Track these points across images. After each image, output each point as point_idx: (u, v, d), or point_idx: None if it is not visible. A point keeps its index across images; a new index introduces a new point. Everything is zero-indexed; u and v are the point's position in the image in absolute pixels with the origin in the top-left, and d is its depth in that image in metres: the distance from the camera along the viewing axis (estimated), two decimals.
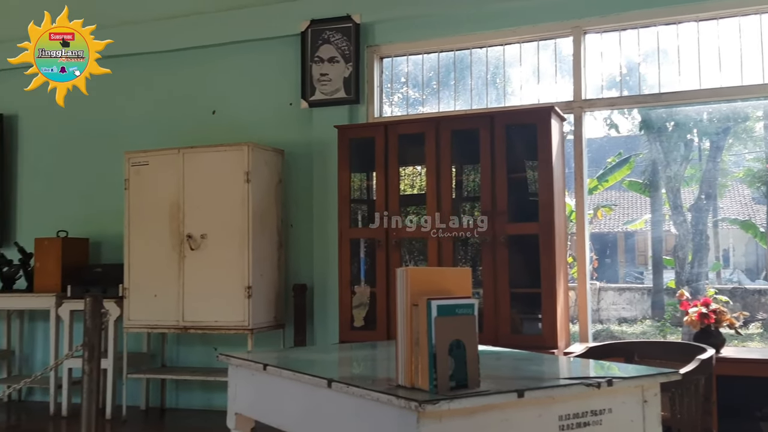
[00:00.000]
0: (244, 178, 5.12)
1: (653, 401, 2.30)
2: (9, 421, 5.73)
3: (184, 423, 5.39)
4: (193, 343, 5.74)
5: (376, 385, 2.17)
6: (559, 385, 2.19)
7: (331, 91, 5.45)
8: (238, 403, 2.98)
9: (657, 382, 2.31)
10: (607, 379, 2.17)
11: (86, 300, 3.84)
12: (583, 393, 2.14)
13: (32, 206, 6.46)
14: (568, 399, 2.14)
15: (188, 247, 5.22)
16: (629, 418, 2.25)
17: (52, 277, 5.74)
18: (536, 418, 2.09)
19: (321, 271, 5.38)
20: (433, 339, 2.02)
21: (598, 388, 2.15)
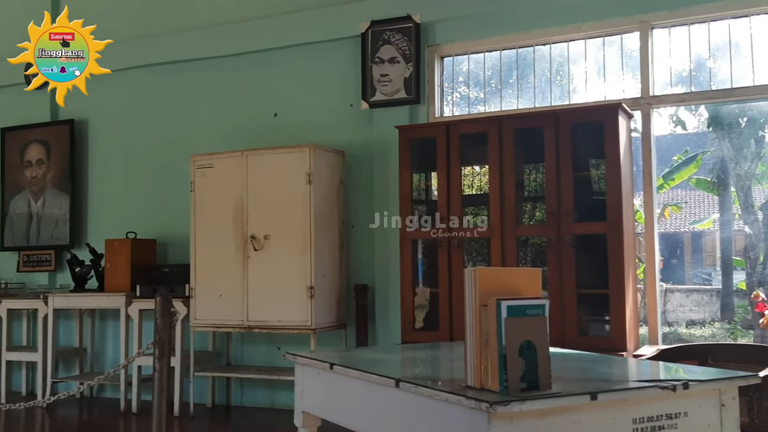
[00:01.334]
0: (305, 180, 5.16)
1: (731, 405, 2.22)
2: (81, 416, 5.91)
3: (249, 420, 5.47)
4: (256, 342, 5.82)
5: (443, 385, 2.16)
6: (633, 388, 2.14)
7: (392, 91, 5.45)
8: (304, 401, 3.01)
9: (735, 386, 2.23)
10: (682, 382, 2.11)
11: (156, 299, 3.92)
12: (657, 396, 2.09)
13: (102, 208, 6.66)
14: (642, 402, 2.09)
15: (252, 248, 5.29)
16: (706, 423, 2.18)
17: (121, 277, 5.90)
18: (609, 421, 2.05)
19: (382, 272, 5.39)
20: (503, 340, 2.00)
21: (674, 391, 2.09)
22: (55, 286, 6.64)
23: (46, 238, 6.80)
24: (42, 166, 6.87)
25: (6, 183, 7.00)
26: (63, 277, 6.64)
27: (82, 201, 6.75)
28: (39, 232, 6.84)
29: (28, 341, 6.71)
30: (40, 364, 6.03)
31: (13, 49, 7.02)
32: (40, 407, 5.80)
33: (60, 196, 6.77)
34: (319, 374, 2.86)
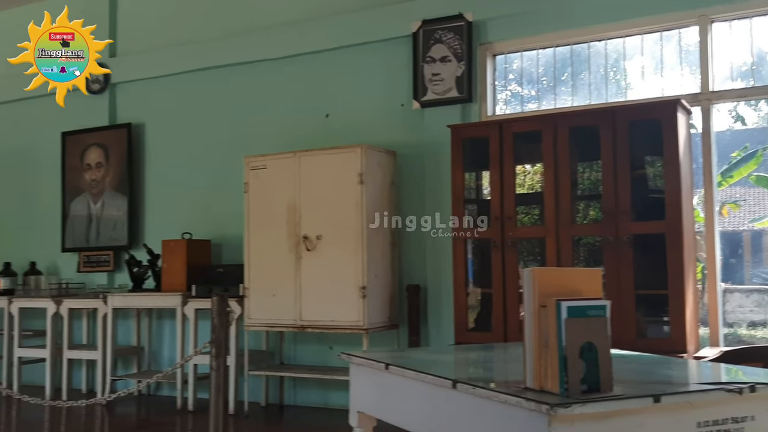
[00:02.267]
0: (357, 180, 5.17)
1: None
2: (139, 414, 6.04)
3: (302, 420, 5.51)
4: (309, 342, 5.86)
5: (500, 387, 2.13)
6: (697, 390, 2.08)
7: (443, 90, 5.43)
8: (359, 401, 3.01)
9: None
10: (749, 385, 2.05)
11: (213, 299, 3.99)
12: (723, 399, 2.03)
13: (159, 210, 6.79)
14: (707, 405, 2.02)
15: (304, 248, 5.33)
16: None
17: (178, 277, 6.00)
18: (673, 425, 1.99)
19: (434, 272, 5.37)
20: (564, 341, 1.96)
21: (740, 394, 2.02)
22: (113, 286, 6.80)
23: (105, 239, 6.97)
24: (101, 169, 7.04)
25: (66, 186, 7.20)
26: (121, 277, 6.80)
27: (139, 203, 6.90)
28: (98, 233, 7.01)
29: (88, 340, 6.89)
30: (100, 363, 6.18)
31: None
32: (99, 405, 5.94)
33: (118, 198, 6.93)
34: (375, 374, 2.85)
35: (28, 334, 6.80)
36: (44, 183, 7.36)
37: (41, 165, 7.41)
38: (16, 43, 7.82)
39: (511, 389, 2.06)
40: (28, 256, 7.11)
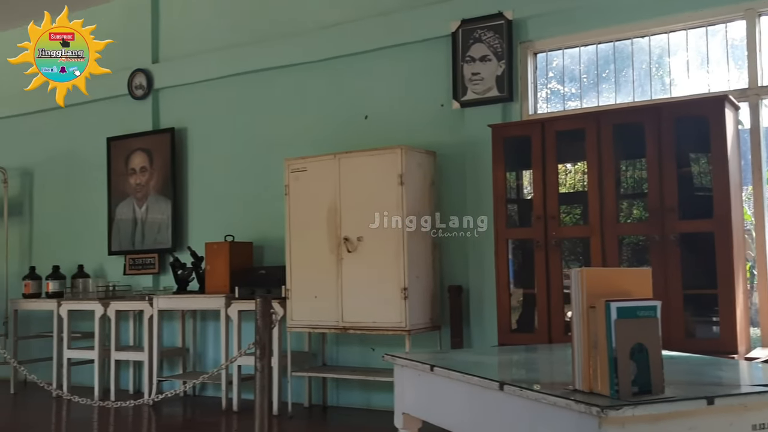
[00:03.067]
0: (397, 181, 5.17)
1: None
2: (185, 414, 6.12)
3: (346, 421, 5.53)
4: (351, 343, 5.88)
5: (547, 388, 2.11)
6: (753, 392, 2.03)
7: (483, 90, 5.40)
8: (404, 402, 3.00)
9: None
10: None
11: (256, 301, 4.02)
12: None
13: (202, 213, 6.88)
14: (763, 407, 1.98)
15: (345, 250, 5.35)
16: None
17: (221, 279, 6.07)
18: (727, 427, 1.95)
19: (476, 273, 5.34)
20: (614, 342, 1.94)
21: None
22: (158, 288, 6.91)
23: (150, 242, 7.09)
24: (145, 174, 7.16)
25: (112, 190, 7.33)
26: (166, 279, 6.90)
27: (182, 206, 7.00)
28: (143, 236, 7.13)
29: (135, 341, 7.01)
30: (146, 364, 6.28)
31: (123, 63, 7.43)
32: (146, 405, 6.04)
33: (162, 202, 7.04)
34: (419, 376, 2.85)
35: (76, 335, 6.96)
36: (91, 188, 7.51)
37: (88, 170, 7.57)
38: None
39: (559, 391, 2.04)
40: (76, 260, 7.27)
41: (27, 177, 8.05)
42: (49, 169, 7.93)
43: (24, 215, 8.02)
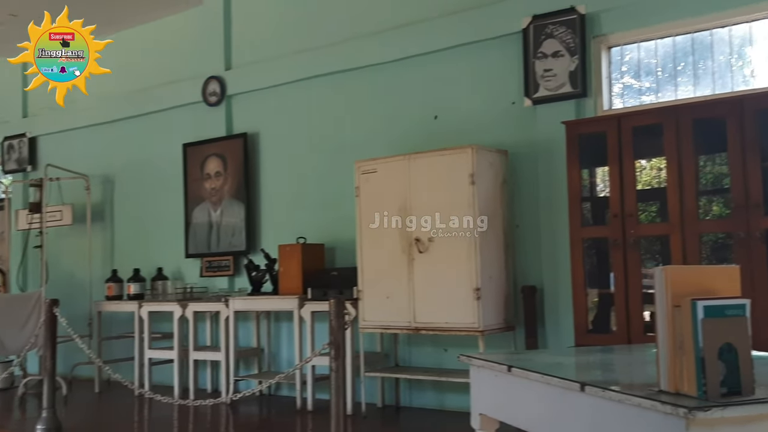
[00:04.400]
0: (469, 181, 5.13)
1: None
2: (261, 413, 6.23)
3: (420, 421, 5.52)
4: (423, 344, 5.87)
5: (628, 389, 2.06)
6: None
7: (556, 86, 5.30)
8: (481, 403, 2.97)
9: None
10: None
11: (330, 302, 4.06)
12: None
13: (274, 216, 6.99)
14: None
15: (417, 250, 5.34)
16: None
17: (294, 281, 6.14)
18: None
19: (550, 273, 5.25)
20: (700, 342, 1.88)
21: None
22: (234, 289, 7.05)
23: (225, 245, 7.24)
24: (220, 178, 7.33)
25: (188, 195, 7.53)
26: (241, 281, 7.04)
27: (255, 209, 7.13)
28: (218, 239, 7.29)
29: (212, 341, 7.18)
30: (223, 363, 6.42)
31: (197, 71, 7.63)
32: (224, 404, 6.17)
33: (236, 206, 7.18)
34: (496, 376, 2.82)
35: (156, 336, 7.17)
36: (168, 193, 7.73)
37: (165, 176, 7.79)
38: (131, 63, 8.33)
39: (644, 392, 1.98)
40: (155, 263, 7.50)
41: (108, 184, 8.35)
42: (128, 175, 8.20)
43: (106, 221, 8.32)
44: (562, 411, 2.39)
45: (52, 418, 5.40)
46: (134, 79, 8.16)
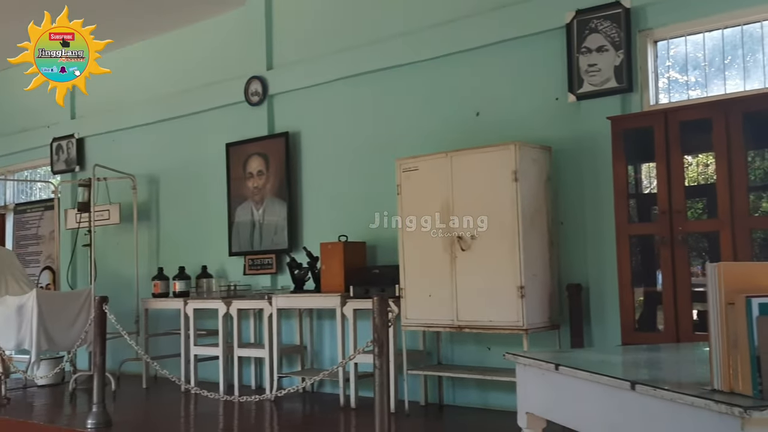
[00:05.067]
0: (512, 178, 5.09)
1: None
2: (304, 410, 6.28)
3: (463, 420, 5.50)
4: (466, 342, 5.85)
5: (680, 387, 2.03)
6: None
7: (601, 81, 5.23)
8: (527, 402, 2.95)
9: None
10: None
11: (374, 299, 4.07)
12: None
13: (316, 214, 7.03)
14: None
15: (459, 248, 5.32)
16: None
17: (336, 279, 6.17)
18: None
19: (596, 270, 5.18)
20: (755, 340, 1.84)
21: None
22: (276, 287, 7.12)
23: (267, 243, 7.32)
24: (262, 177, 7.40)
25: (232, 194, 7.62)
26: (283, 279, 7.10)
27: (297, 208, 7.18)
28: (261, 238, 7.37)
29: (255, 338, 7.25)
30: (267, 360, 6.48)
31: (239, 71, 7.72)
32: (268, 400, 6.23)
33: (278, 204, 7.25)
34: (543, 375, 2.79)
35: (201, 333, 7.27)
36: (212, 192, 7.83)
37: (209, 175, 7.89)
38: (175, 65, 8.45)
39: (697, 391, 1.95)
40: (200, 261, 7.60)
41: (154, 184, 8.50)
42: (173, 175, 8.34)
43: (152, 220, 8.47)
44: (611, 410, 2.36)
45: (102, 413, 5.52)
46: (178, 81, 8.30)
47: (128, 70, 8.85)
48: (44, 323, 6.99)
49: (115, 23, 8.03)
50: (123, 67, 8.91)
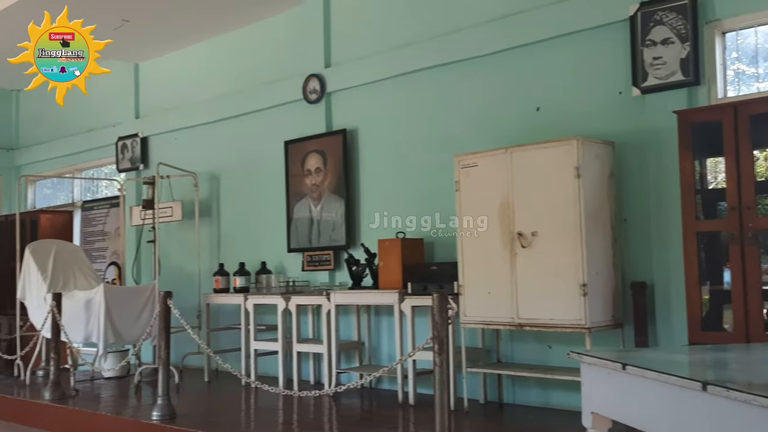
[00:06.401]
0: (573, 174, 5.00)
1: None
2: (363, 406, 6.30)
3: (524, 419, 5.44)
4: (526, 340, 5.78)
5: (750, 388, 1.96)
6: None
7: (666, 74, 5.09)
8: (593, 401, 2.90)
9: None
10: None
11: (433, 296, 4.06)
12: None
13: (373, 210, 7.03)
14: None
15: (519, 245, 5.26)
16: None
17: (394, 275, 6.17)
18: None
19: (661, 268, 5.05)
20: None
21: None
22: (334, 283, 7.16)
23: (325, 239, 7.37)
24: (320, 174, 7.46)
25: (290, 191, 7.71)
26: (341, 275, 7.14)
27: (355, 204, 7.21)
28: (319, 234, 7.43)
29: (314, 334, 7.32)
30: (326, 356, 6.53)
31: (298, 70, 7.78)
32: (327, 395, 6.28)
33: (336, 201, 7.29)
34: (609, 374, 2.75)
35: (261, 328, 7.38)
36: (270, 189, 7.93)
37: (268, 172, 8.00)
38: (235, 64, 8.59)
39: None
40: (260, 257, 7.71)
41: (214, 181, 8.66)
42: (233, 172, 8.47)
43: (212, 216, 8.63)
44: (681, 411, 2.31)
45: (167, 405, 5.65)
46: (238, 80, 8.43)
47: (189, 70, 9.05)
48: (111, 317, 7.20)
49: (176, 24, 8.22)
50: (184, 67, 9.12)
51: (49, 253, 8.07)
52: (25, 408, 7.01)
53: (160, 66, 9.38)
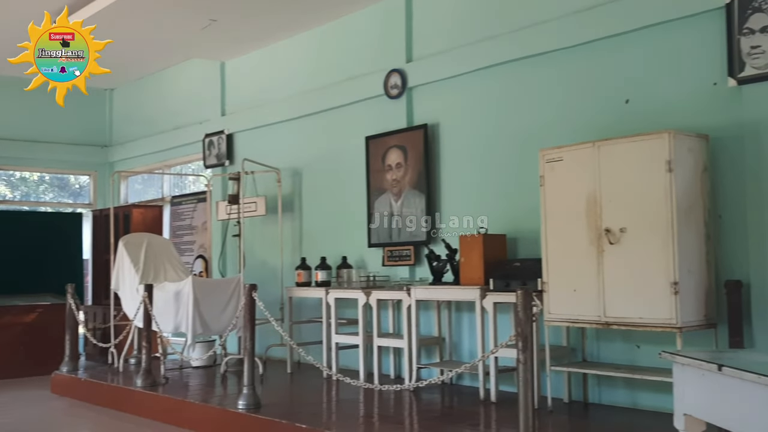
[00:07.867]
0: (665, 168, 4.82)
1: None
2: (443, 402, 6.28)
3: (610, 419, 5.30)
4: (612, 339, 5.63)
5: None
6: None
7: (765, 64, 4.83)
8: (686, 403, 2.80)
9: None
10: None
11: (518, 293, 4.01)
12: None
13: (454, 206, 6.99)
14: None
15: (607, 242, 5.12)
16: None
17: (475, 271, 6.11)
18: None
19: (758, 266, 4.82)
20: None
21: None
22: (414, 279, 7.15)
23: (405, 235, 7.37)
24: (400, 169, 7.46)
25: (371, 186, 7.74)
26: (421, 270, 7.13)
27: (435, 199, 7.18)
28: (399, 229, 7.43)
29: (394, 329, 7.34)
30: (406, 351, 6.53)
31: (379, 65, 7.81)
32: (407, 390, 6.29)
33: (416, 196, 7.28)
34: (703, 375, 2.64)
35: (342, 322, 7.45)
36: (352, 184, 7.99)
37: (349, 168, 8.06)
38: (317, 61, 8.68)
39: None
40: (341, 251, 7.79)
41: (297, 177, 8.79)
42: (315, 168, 8.58)
43: (295, 212, 8.77)
44: None
45: (253, 395, 5.79)
46: (320, 76, 8.53)
47: (273, 67, 9.22)
48: (199, 308, 7.42)
49: (261, 23, 8.39)
50: (268, 65, 9.30)
51: (141, 245, 8.39)
52: (119, 394, 7.33)
53: (245, 64, 9.60)
